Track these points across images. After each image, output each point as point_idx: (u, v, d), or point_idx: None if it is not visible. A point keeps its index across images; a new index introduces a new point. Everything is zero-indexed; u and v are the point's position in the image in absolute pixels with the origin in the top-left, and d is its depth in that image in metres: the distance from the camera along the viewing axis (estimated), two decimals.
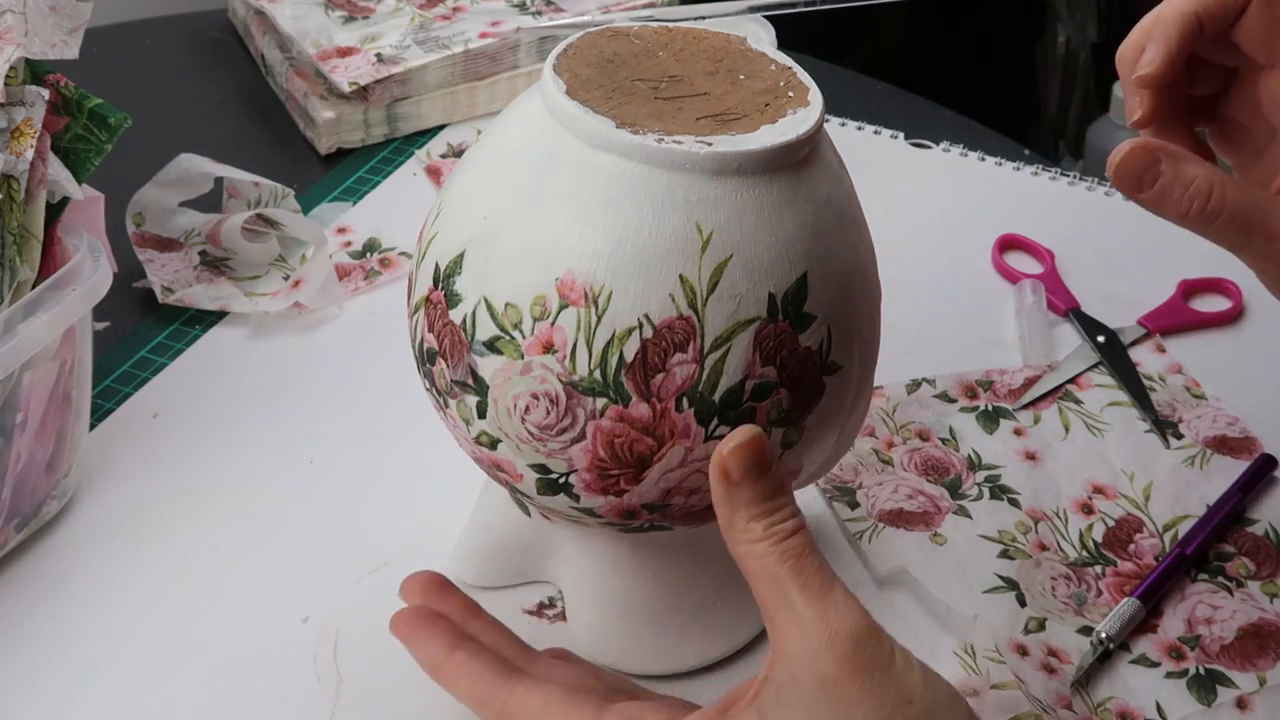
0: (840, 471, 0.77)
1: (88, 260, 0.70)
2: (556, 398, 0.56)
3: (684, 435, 0.56)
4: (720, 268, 0.55)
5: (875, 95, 1.08)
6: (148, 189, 0.91)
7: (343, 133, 1.03)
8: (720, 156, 0.55)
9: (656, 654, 0.67)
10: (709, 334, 0.55)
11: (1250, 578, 0.73)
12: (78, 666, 0.68)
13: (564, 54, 0.59)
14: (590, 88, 0.57)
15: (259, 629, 0.70)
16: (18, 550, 0.73)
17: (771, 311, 0.56)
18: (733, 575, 0.68)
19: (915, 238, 0.94)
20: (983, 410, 0.81)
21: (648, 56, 0.60)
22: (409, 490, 0.76)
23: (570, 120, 0.56)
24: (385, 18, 1.09)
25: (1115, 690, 0.68)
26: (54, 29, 0.70)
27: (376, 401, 0.81)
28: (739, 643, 0.69)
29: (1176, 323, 0.87)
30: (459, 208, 0.59)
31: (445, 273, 0.58)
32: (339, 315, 0.88)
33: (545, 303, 0.56)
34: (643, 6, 1.11)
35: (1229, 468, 0.78)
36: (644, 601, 0.67)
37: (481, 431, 0.59)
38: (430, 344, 0.59)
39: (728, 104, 0.58)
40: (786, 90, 0.59)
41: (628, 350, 0.55)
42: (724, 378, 0.56)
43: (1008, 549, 0.74)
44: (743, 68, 0.60)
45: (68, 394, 0.73)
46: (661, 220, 0.55)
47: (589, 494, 0.58)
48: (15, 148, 0.68)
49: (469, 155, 0.61)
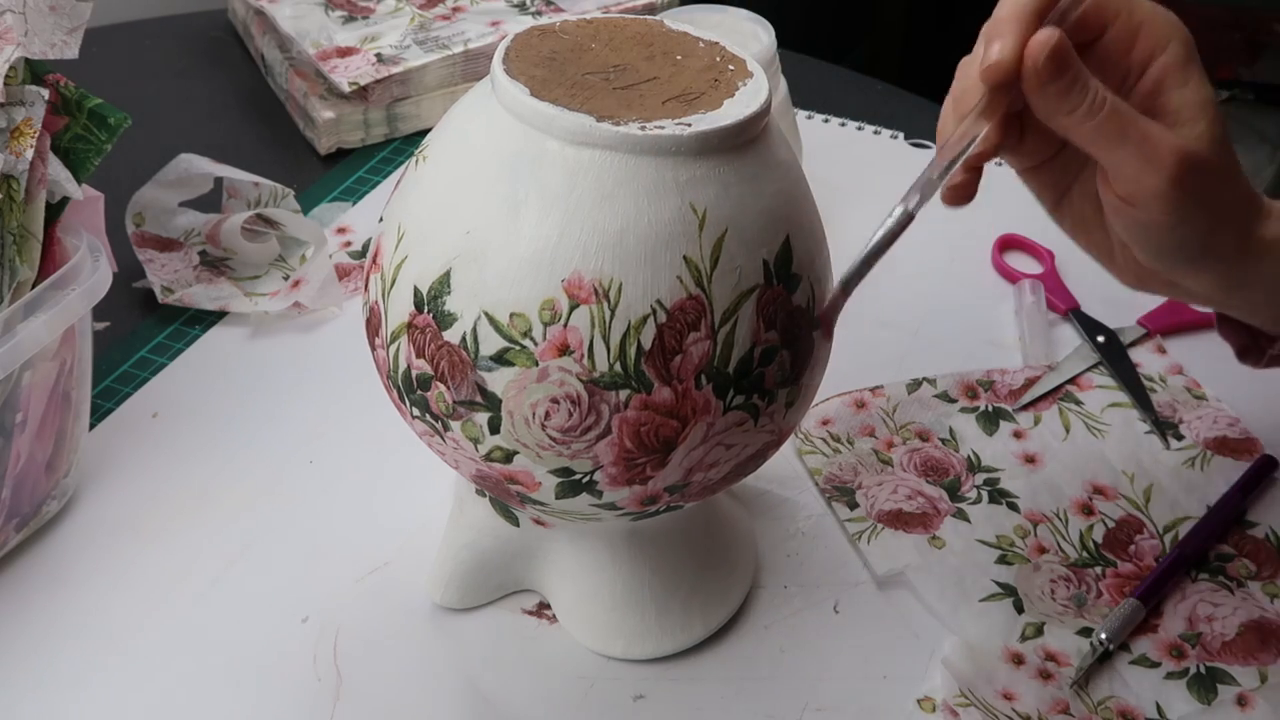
0: (840, 472, 0.77)
1: (87, 260, 0.70)
2: (578, 398, 0.56)
3: (705, 412, 0.57)
4: (719, 243, 0.56)
5: (875, 95, 1.08)
6: (148, 189, 0.91)
7: (343, 133, 1.03)
8: (703, 136, 0.56)
9: (663, 635, 0.68)
10: (718, 308, 0.56)
11: (1251, 578, 0.73)
12: (78, 666, 0.68)
13: (508, 58, 0.59)
14: (550, 87, 0.58)
15: (259, 629, 0.70)
16: (18, 550, 0.73)
17: (767, 277, 0.58)
18: (716, 544, 0.70)
19: (915, 238, 0.94)
20: (983, 411, 0.81)
21: (583, 50, 0.61)
22: (409, 490, 0.76)
23: (547, 121, 0.56)
24: (385, 18, 1.09)
25: (1115, 690, 0.68)
26: (54, 29, 0.70)
27: (376, 401, 0.81)
28: (734, 606, 0.70)
29: (1176, 323, 0.87)
30: (429, 227, 0.59)
31: (430, 295, 0.58)
32: (339, 315, 0.88)
33: (554, 306, 0.56)
34: (642, 7, 1.11)
35: (1229, 469, 0.78)
36: (644, 586, 0.68)
37: (495, 447, 0.59)
38: (422, 370, 0.59)
39: (681, 85, 0.59)
40: (725, 65, 0.60)
41: (644, 338, 0.56)
42: (735, 349, 0.57)
43: (1006, 554, 0.74)
44: (675, 49, 0.61)
45: (68, 394, 0.73)
46: (658, 206, 0.56)
47: (613, 488, 0.59)
48: (15, 148, 0.68)
49: (423, 174, 0.60)
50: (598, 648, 0.68)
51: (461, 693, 0.67)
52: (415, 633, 0.69)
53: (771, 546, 0.74)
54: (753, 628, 0.70)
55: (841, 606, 0.71)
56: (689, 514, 0.66)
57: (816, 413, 0.81)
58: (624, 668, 0.68)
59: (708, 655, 0.69)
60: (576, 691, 0.67)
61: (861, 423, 0.80)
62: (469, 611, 0.70)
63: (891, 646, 0.69)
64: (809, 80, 1.07)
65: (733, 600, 0.70)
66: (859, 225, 0.94)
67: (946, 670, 0.68)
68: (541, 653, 0.69)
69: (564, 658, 0.68)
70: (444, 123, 0.62)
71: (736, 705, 0.67)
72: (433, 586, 0.70)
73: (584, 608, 0.68)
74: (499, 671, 0.68)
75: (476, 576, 0.69)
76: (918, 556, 0.73)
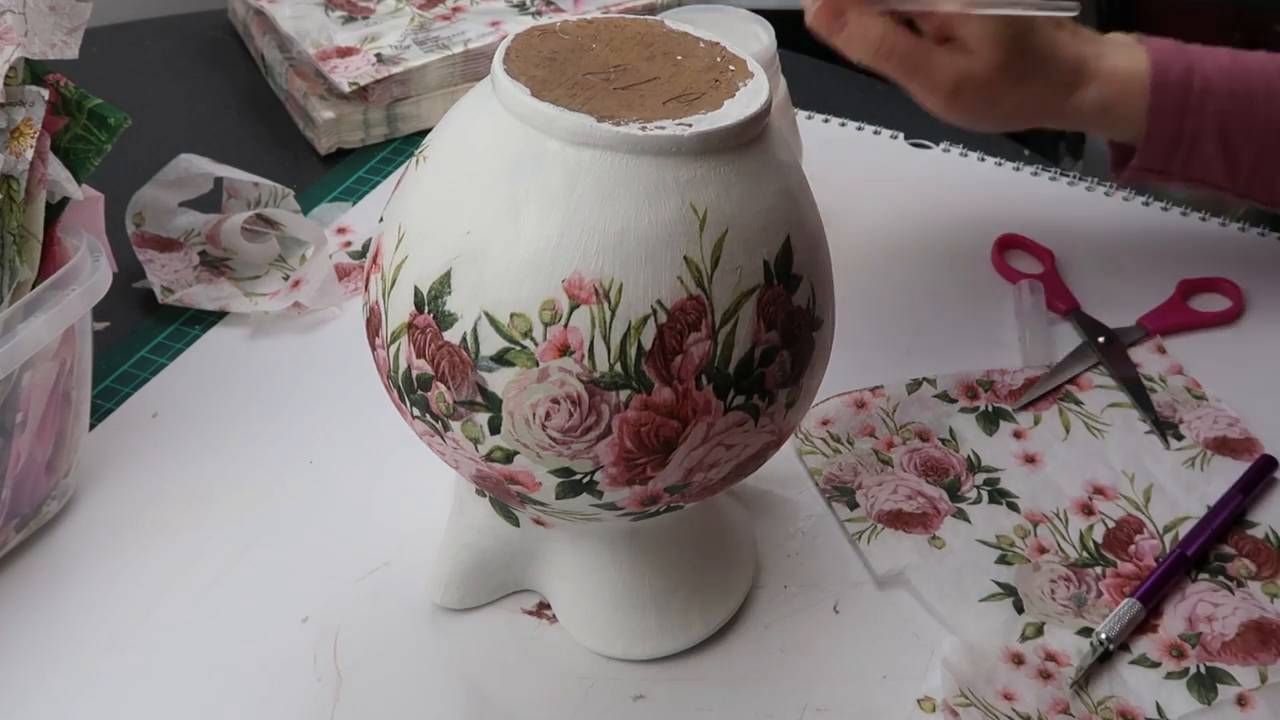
0: (840, 472, 0.77)
1: (87, 260, 0.70)
2: (578, 398, 0.56)
3: (705, 412, 0.57)
4: (719, 243, 0.56)
5: (875, 95, 1.08)
6: (148, 189, 0.91)
7: (343, 133, 1.03)
8: (703, 136, 0.56)
9: (663, 635, 0.68)
10: (718, 309, 0.57)
11: (1251, 578, 0.73)
12: (78, 666, 0.68)
13: (508, 59, 0.59)
14: (551, 87, 0.58)
15: (259, 629, 0.70)
16: (18, 550, 0.73)
17: (768, 277, 0.58)
18: (716, 544, 0.70)
19: (915, 238, 0.94)
20: (983, 411, 0.81)
21: (584, 50, 0.61)
22: (409, 490, 0.76)
23: (548, 122, 0.56)
24: (385, 18, 1.09)
25: (1115, 690, 0.68)
26: (54, 29, 0.70)
27: (376, 401, 0.81)
28: (734, 606, 0.70)
29: (1176, 323, 0.87)
30: (429, 227, 0.59)
31: (431, 295, 0.58)
32: (339, 315, 0.88)
33: (555, 306, 0.56)
34: (643, 7, 1.11)
35: (1229, 469, 0.78)
36: (644, 586, 0.68)
37: (495, 447, 0.59)
38: (422, 370, 0.59)
39: (681, 85, 0.59)
40: (726, 65, 0.60)
41: (645, 338, 0.56)
42: (735, 349, 0.57)
43: (1006, 554, 0.74)
44: (675, 49, 0.61)
45: (68, 394, 0.73)
46: (658, 206, 0.56)
47: (614, 488, 0.59)
48: (15, 148, 0.68)
49: (423, 174, 0.60)
50: (598, 648, 0.68)
51: (461, 693, 0.67)
52: (415, 633, 0.69)
53: (771, 546, 0.74)
54: (753, 628, 0.70)
55: (841, 606, 0.71)
56: (689, 514, 0.66)
57: (816, 413, 0.81)
58: (624, 668, 0.68)
59: (708, 655, 0.69)
60: (576, 691, 0.67)
61: (861, 423, 0.80)
62: (469, 611, 0.70)
63: (891, 646, 0.69)
64: (809, 80, 1.07)
65: (733, 600, 0.70)
66: (859, 225, 0.95)
67: (946, 670, 0.68)
68: (541, 653, 0.69)
69: (564, 658, 0.68)
70: (444, 123, 0.62)
71: (736, 705, 0.67)
72: (433, 586, 0.70)
73: (584, 608, 0.68)
74: (499, 671, 0.68)
75: (476, 576, 0.69)
76: (918, 556, 0.73)
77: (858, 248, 0.91)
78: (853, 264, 0.86)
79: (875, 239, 0.93)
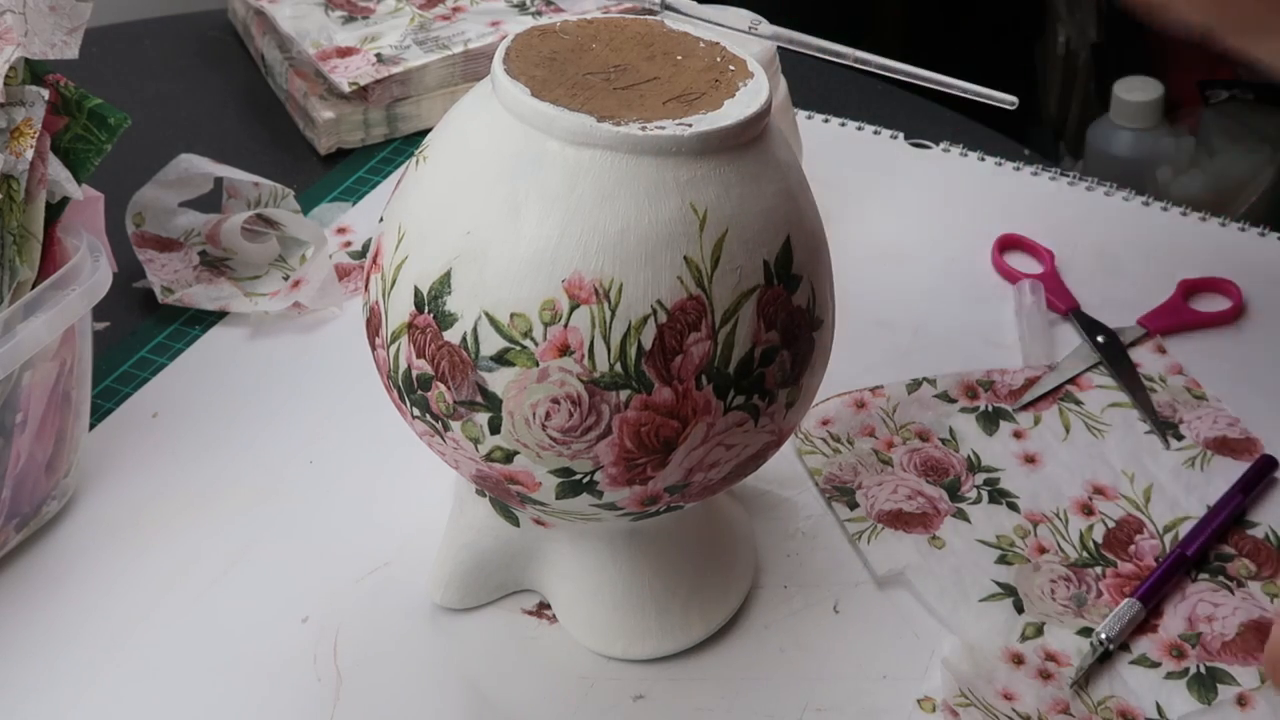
0: (840, 472, 0.77)
1: (87, 260, 0.70)
2: (578, 398, 0.56)
3: (705, 412, 0.57)
4: (719, 243, 0.57)
5: (875, 95, 1.08)
6: (148, 189, 0.91)
7: (343, 133, 1.03)
8: (703, 136, 0.56)
9: (663, 635, 0.68)
10: (718, 309, 0.57)
11: (1251, 578, 0.73)
12: (78, 666, 0.68)
13: (508, 58, 0.59)
14: (551, 87, 0.58)
15: (259, 629, 0.70)
16: (18, 550, 0.73)
17: (768, 277, 0.58)
18: (716, 544, 0.70)
19: (915, 238, 0.94)
20: (983, 411, 0.81)
21: (583, 50, 0.61)
22: (409, 490, 0.76)
23: (548, 122, 0.56)
24: (385, 18, 1.09)
25: (1115, 690, 0.68)
26: (54, 29, 0.70)
27: (376, 401, 0.81)
28: (734, 606, 0.70)
29: (1176, 323, 0.87)
30: (429, 227, 0.59)
31: (431, 295, 0.58)
32: (339, 315, 0.88)
33: (555, 306, 0.56)
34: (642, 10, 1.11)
35: (1229, 469, 0.78)
36: (644, 586, 0.68)
37: (495, 447, 0.59)
38: (423, 370, 0.59)
39: (681, 85, 0.59)
40: (726, 65, 0.61)
41: (645, 338, 0.56)
42: (735, 349, 0.57)
43: (1006, 554, 0.74)
44: (675, 49, 0.61)
45: (68, 394, 0.73)
46: (658, 206, 0.56)
47: (614, 488, 0.59)
48: (15, 148, 0.68)
49: (423, 174, 0.60)
50: (598, 648, 0.68)
51: (461, 693, 0.67)
52: (415, 633, 0.69)
53: (771, 546, 0.74)
54: (753, 628, 0.70)
55: (841, 606, 0.71)
56: (689, 514, 0.66)
57: (816, 413, 0.81)
58: (624, 668, 0.68)
59: (708, 655, 0.69)
60: (576, 691, 0.67)
61: (861, 423, 0.80)
62: (469, 611, 0.70)
63: (891, 646, 0.69)
64: (809, 80, 1.07)
65: (733, 600, 0.70)
66: (859, 225, 0.95)
67: (946, 670, 0.68)
68: (541, 653, 0.69)
69: (564, 658, 0.68)
70: (444, 123, 0.62)
71: (736, 705, 0.67)
72: (433, 586, 0.70)
73: (584, 608, 0.68)
74: (499, 671, 0.68)
75: (476, 576, 0.69)
76: (918, 556, 0.73)
77: (858, 248, 0.91)
78: (853, 264, 0.86)
79: (875, 239, 0.93)
